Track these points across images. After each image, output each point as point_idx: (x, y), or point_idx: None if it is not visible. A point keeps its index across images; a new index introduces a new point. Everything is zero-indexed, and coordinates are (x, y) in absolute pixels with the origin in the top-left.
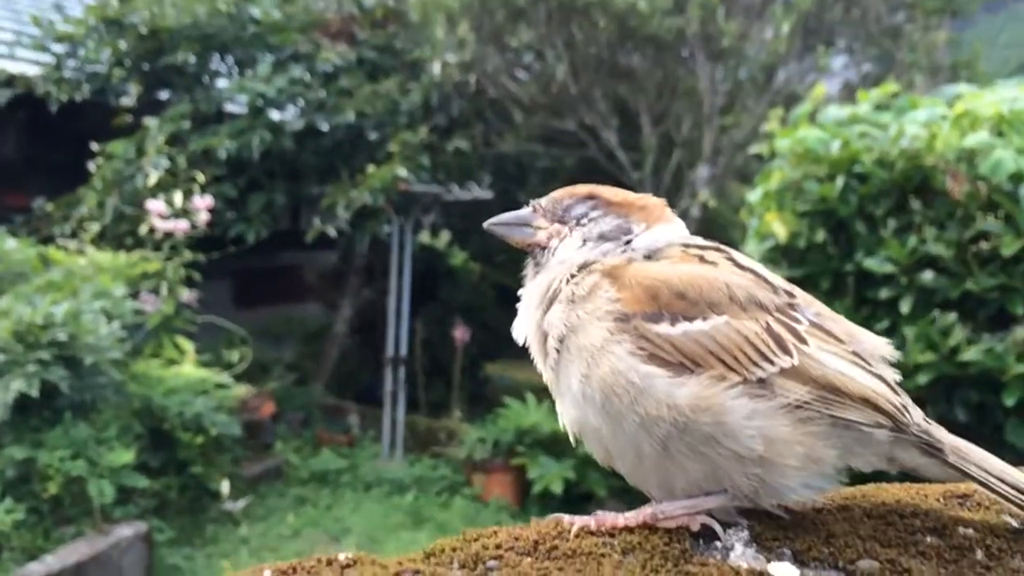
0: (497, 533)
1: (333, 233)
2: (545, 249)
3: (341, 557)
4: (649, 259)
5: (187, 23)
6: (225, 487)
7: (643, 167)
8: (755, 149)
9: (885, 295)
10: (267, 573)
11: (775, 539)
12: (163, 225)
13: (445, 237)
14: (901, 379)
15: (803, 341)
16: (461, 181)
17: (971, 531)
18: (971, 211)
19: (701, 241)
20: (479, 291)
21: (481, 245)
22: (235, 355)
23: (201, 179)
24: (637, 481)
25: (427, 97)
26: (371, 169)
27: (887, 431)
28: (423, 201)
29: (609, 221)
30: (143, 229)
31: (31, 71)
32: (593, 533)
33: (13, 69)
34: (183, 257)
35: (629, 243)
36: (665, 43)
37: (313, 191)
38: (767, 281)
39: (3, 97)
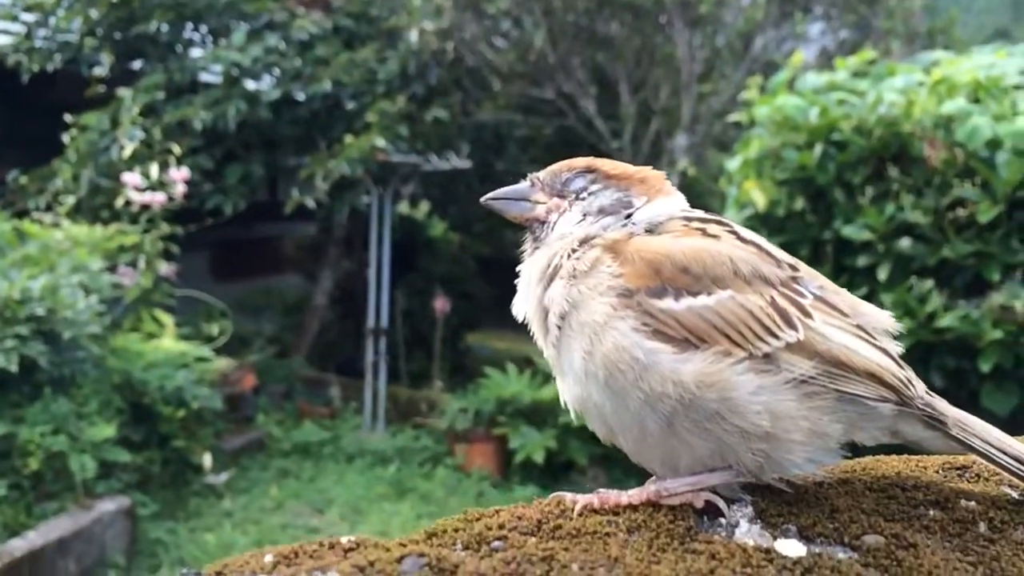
0: (499, 512)
1: (311, 204)
2: (544, 224)
3: (344, 540)
4: (651, 233)
5: None
6: (207, 460)
7: (622, 136)
8: (734, 117)
9: (863, 262)
10: (269, 557)
11: (779, 515)
12: (139, 198)
13: (424, 207)
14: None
15: (808, 315)
16: (439, 151)
17: (973, 504)
18: (948, 178)
19: (702, 214)
20: (459, 261)
21: (460, 215)
22: (215, 328)
23: (177, 150)
24: (640, 458)
25: (404, 65)
26: (349, 139)
27: (892, 405)
28: (401, 171)
29: (609, 195)
30: (119, 202)
31: (1, 41)
32: (596, 511)
33: None
34: (160, 230)
35: (630, 217)
36: (643, 10)
37: (290, 162)
38: (770, 254)
39: None
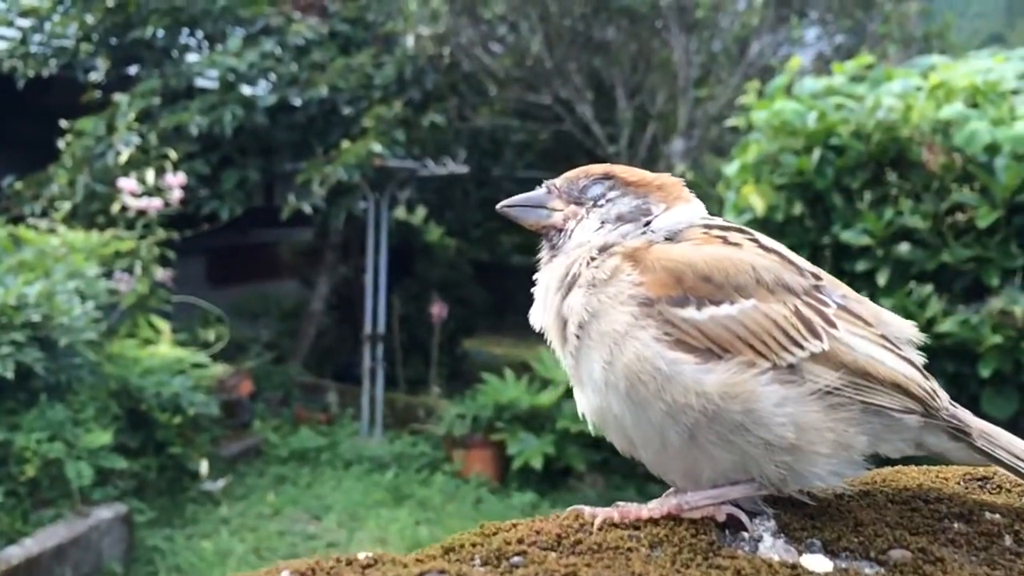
0: (516, 526)
1: (308, 210)
2: (561, 232)
3: (361, 556)
4: (670, 241)
5: None
6: (204, 467)
7: (618, 140)
8: (732, 122)
9: (862, 267)
10: (285, 574)
11: (803, 529)
12: (135, 203)
13: (421, 213)
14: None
15: (832, 325)
16: (436, 156)
17: (997, 516)
18: (947, 183)
19: (722, 221)
20: (456, 266)
21: (457, 220)
22: (211, 334)
23: (173, 156)
24: (660, 470)
25: (401, 71)
26: (345, 145)
27: (918, 416)
28: (398, 176)
29: (627, 202)
30: (115, 207)
31: None
32: (616, 525)
33: None
34: (156, 235)
35: (648, 224)
36: (639, 15)
37: (287, 167)
38: (793, 263)
39: None
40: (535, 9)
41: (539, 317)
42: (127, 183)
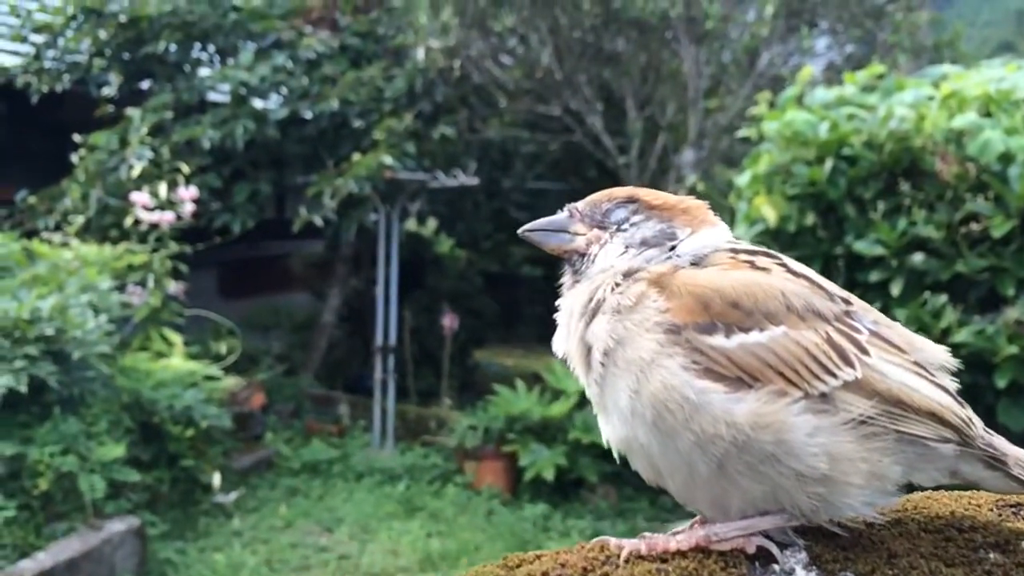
0: (540, 558)
1: (319, 222)
2: (584, 256)
3: None
4: (696, 266)
5: (167, 11)
6: (216, 480)
7: (629, 152)
8: (743, 132)
9: (875, 278)
10: None
11: (835, 561)
12: (148, 217)
13: (432, 224)
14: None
15: (865, 352)
16: (446, 168)
17: None
18: (960, 192)
19: (749, 246)
20: (466, 278)
21: (468, 232)
22: (223, 347)
23: (185, 170)
24: (687, 500)
25: (411, 83)
26: (356, 157)
27: (953, 445)
28: (409, 188)
29: (652, 226)
30: (128, 221)
31: (10, 62)
32: (644, 558)
33: None
34: (169, 249)
35: (674, 249)
36: (649, 26)
37: (298, 180)
38: (822, 288)
39: None
40: (545, 21)
41: (562, 344)
42: (140, 197)
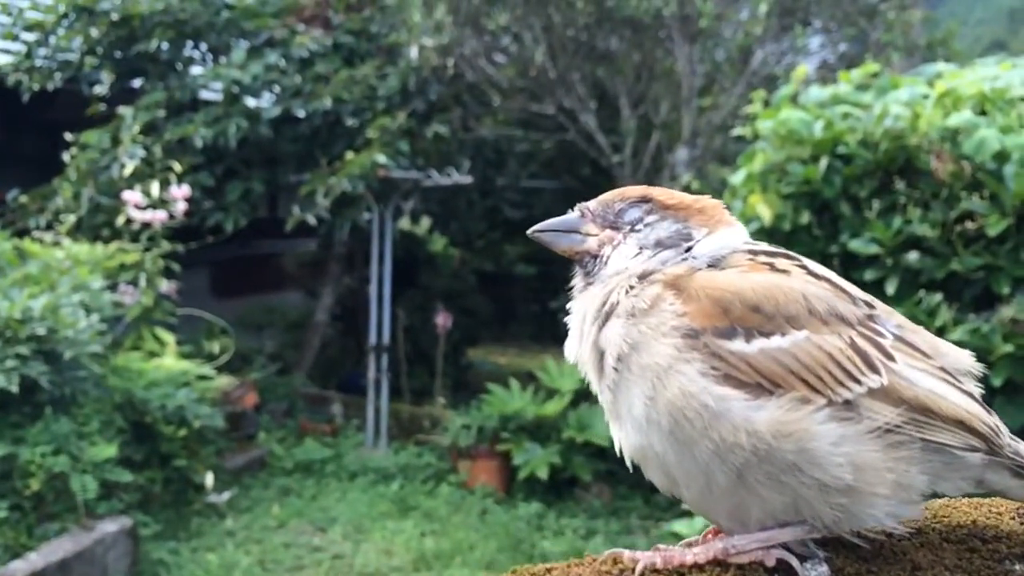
0: (550, 572)
1: (312, 221)
2: (596, 258)
3: None
4: (714, 268)
5: (159, 9)
6: (209, 479)
7: (622, 150)
8: (738, 131)
9: (870, 276)
10: None
11: (857, 573)
12: (140, 216)
13: (425, 223)
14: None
15: (890, 358)
16: (440, 166)
17: None
18: (956, 191)
19: (767, 247)
20: (460, 276)
21: (461, 231)
22: (216, 346)
23: (178, 168)
24: (704, 510)
25: (405, 82)
26: (349, 156)
27: (981, 454)
28: (402, 187)
29: (667, 226)
30: (120, 220)
31: (1, 60)
32: (659, 571)
33: None
34: (161, 248)
35: (690, 250)
36: (643, 24)
37: (291, 179)
38: (845, 291)
39: None
40: (539, 20)
41: (574, 349)
42: (132, 196)
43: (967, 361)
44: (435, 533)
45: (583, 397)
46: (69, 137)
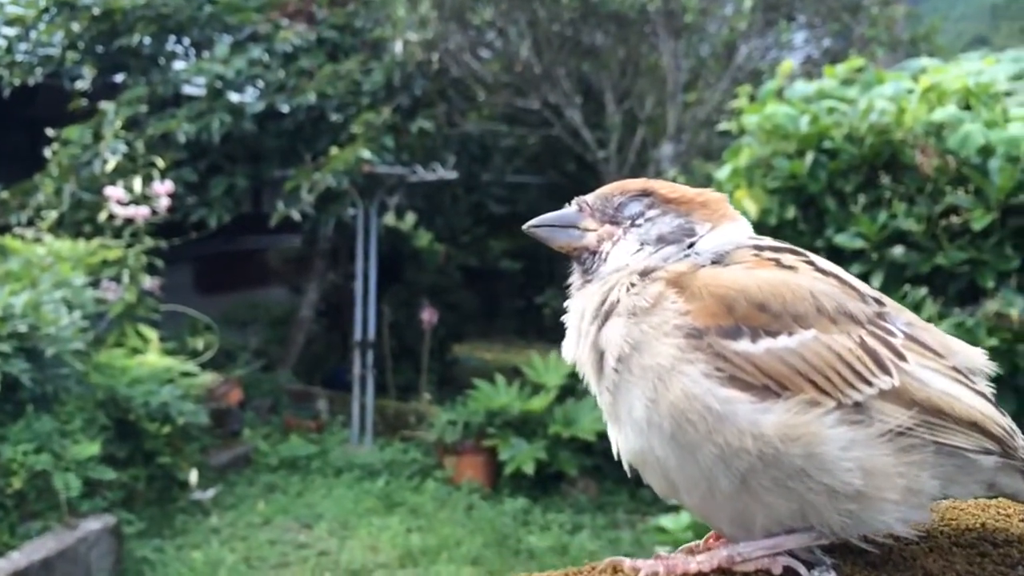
0: None
1: (297, 217)
2: (595, 254)
3: None
4: (718, 264)
5: (141, 3)
6: (193, 477)
7: (608, 145)
8: (723, 126)
9: (856, 271)
10: None
11: None
12: (123, 211)
13: (410, 219)
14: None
15: (902, 358)
16: (425, 162)
17: None
18: (941, 185)
19: (773, 242)
20: (445, 272)
21: (446, 226)
22: (200, 342)
23: (160, 164)
24: (706, 516)
25: (389, 77)
26: (334, 151)
27: (995, 457)
28: (387, 183)
29: (668, 221)
30: (102, 216)
31: None
32: None
33: None
34: (144, 244)
35: (693, 246)
36: (628, 19)
37: (275, 174)
38: (854, 287)
39: None
40: (523, 14)
41: (572, 349)
42: (114, 191)
43: (979, 359)
44: (421, 529)
45: (569, 392)
46: (50, 132)
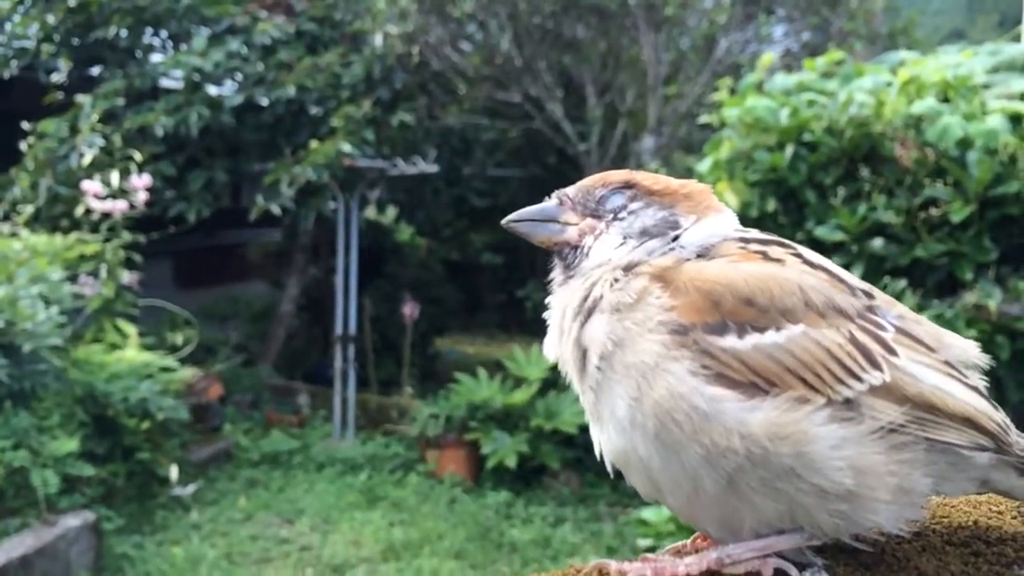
0: None
1: (277, 211)
2: (577, 249)
3: None
4: (703, 258)
5: None
6: (174, 472)
7: (589, 138)
8: (704, 119)
9: (836, 263)
10: None
11: None
12: (100, 206)
13: (391, 213)
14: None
15: (892, 352)
16: (406, 155)
17: None
18: (919, 178)
19: (759, 234)
20: (427, 266)
21: (428, 220)
22: (180, 337)
23: (138, 157)
24: (691, 518)
25: (369, 70)
26: (314, 145)
27: (989, 454)
28: (368, 176)
29: (652, 214)
30: (79, 210)
31: None
32: None
33: None
34: (122, 238)
35: (677, 239)
36: (608, 12)
37: (255, 168)
38: (843, 280)
39: None
40: (504, 7)
41: (554, 347)
42: (91, 185)
43: (972, 352)
44: (403, 523)
45: (551, 385)
46: (26, 126)
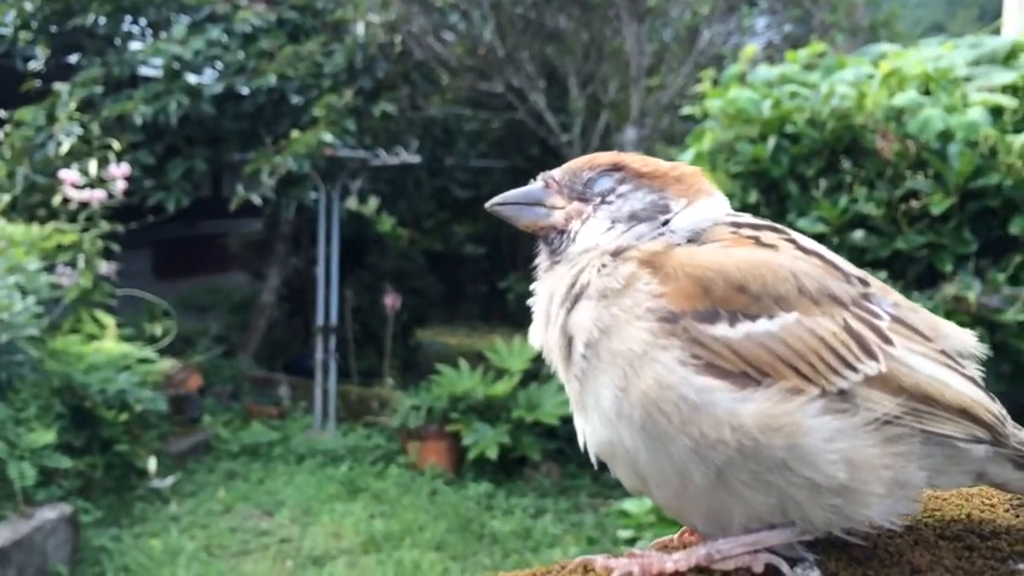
0: None
1: (257, 201)
2: (563, 233)
3: None
4: (693, 243)
5: None
6: (152, 464)
7: (571, 129)
8: (686, 110)
9: None
10: None
11: None
12: (78, 195)
13: (373, 203)
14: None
15: (888, 341)
16: (388, 145)
17: None
18: (900, 170)
19: (752, 219)
20: (408, 257)
21: (409, 210)
22: (158, 328)
23: (116, 146)
24: (678, 513)
25: (351, 59)
26: (295, 134)
27: (986, 446)
28: (349, 166)
29: (641, 197)
30: (57, 200)
31: None
32: None
33: None
34: (100, 228)
35: (667, 223)
36: (591, 3)
37: (235, 157)
38: (837, 267)
39: None
40: None
41: (540, 334)
42: (69, 174)
43: (970, 342)
44: (384, 515)
45: (532, 377)
46: (2, 114)
